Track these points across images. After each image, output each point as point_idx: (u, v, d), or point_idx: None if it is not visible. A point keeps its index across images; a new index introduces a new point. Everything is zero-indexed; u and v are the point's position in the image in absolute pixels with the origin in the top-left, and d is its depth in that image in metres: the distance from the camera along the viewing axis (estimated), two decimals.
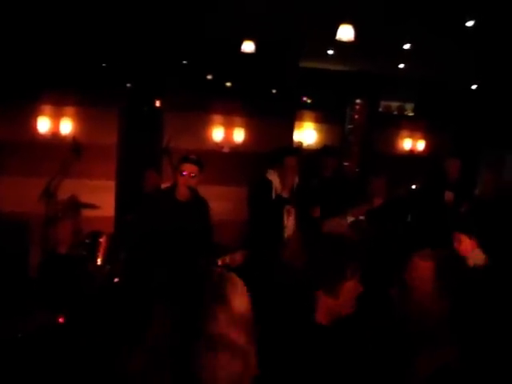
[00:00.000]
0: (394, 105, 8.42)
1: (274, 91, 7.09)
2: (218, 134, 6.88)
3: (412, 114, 8.43)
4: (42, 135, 6.27)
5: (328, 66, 7.30)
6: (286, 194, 4.52)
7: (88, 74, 6.12)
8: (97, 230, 4.52)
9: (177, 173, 3.85)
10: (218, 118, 6.91)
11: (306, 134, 7.67)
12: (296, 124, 7.43)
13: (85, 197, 5.01)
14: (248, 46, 5.65)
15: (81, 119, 6.38)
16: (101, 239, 4.33)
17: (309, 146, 7.53)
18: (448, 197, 5.09)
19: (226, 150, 6.88)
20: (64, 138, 6.19)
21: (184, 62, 6.71)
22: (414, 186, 6.24)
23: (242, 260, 3.85)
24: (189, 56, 6.62)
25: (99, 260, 4.26)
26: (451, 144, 7.84)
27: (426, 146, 8.18)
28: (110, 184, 6.48)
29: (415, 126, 8.19)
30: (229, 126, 6.92)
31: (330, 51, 6.35)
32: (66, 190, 4.89)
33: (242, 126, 6.95)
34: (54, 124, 6.32)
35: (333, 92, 7.50)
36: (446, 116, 7.80)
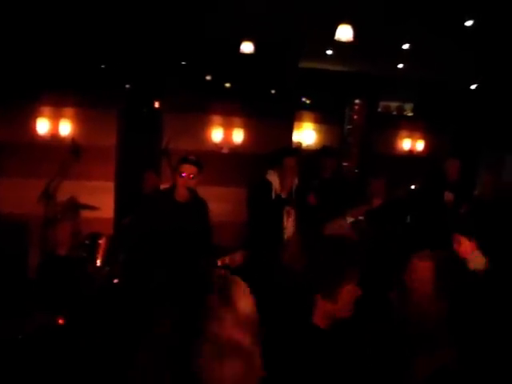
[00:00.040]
0: (393, 105, 8.41)
1: (273, 92, 7.08)
2: (217, 134, 6.87)
3: (411, 114, 8.42)
4: (41, 136, 6.26)
5: (327, 66, 7.30)
6: (285, 195, 4.52)
7: (87, 76, 6.12)
8: (96, 231, 4.53)
9: (176, 174, 3.84)
10: (217, 118, 6.90)
11: (305, 134, 7.66)
12: (295, 125, 7.42)
13: (84, 198, 5.01)
14: (247, 47, 5.65)
15: (80, 120, 6.38)
16: (100, 241, 4.35)
17: (308, 146, 7.52)
18: (448, 197, 5.09)
19: (225, 150, 6.87)
20: (63, 139, 6.18)
21: (183, 62, 6.71)
22: (413, 186, 6.23)
23: (241, 260, 3.86)
24: (188, 57, 6.62)
25: (98, 261, 4.27)
26: (450, 144, 7.83)
27: (426, 146, 8.17)
28: (109, 185, 6.47)
29: (414, 127, 8.18)
30: (228, 127, 6.91)
31: (329, 51, 6.35)
32: (65, 191, 4.89)
33: (241, 126, 6.94)
34: (53, 125, 6.32)
35: (332, 92, 7.49)
36: (446, 116, 7.79)
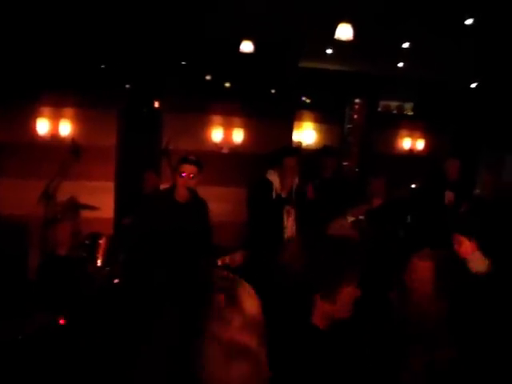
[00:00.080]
0: (394, 104, 8.40)
1: (273, 92, 7.08)
2: (217, 134, 6.87)
3: (411, 113, 8.41)
4: (41, 137, 6.26)
5: (327, 65, 7.29)
6: (285, 195, 4.51)
7: (87, 76, 6.12)
8: (96, 231, 4.53)
9: (176, 174, 3.84)
10: (217, 118, 6.90)
11: (306, 134, 7.66)
12: (295, 124, 7.42)
13: (84, 198, 5.01)
14: (247, 47, 5.65)
15: (80, 121, 6.38)
16: (100, 241, 4.35)
17: (308, 146, 7.51)
18: (448, 197, 5.08)
19: (225, 150, 6.87)
20: (63, 139, 6.19)
21: (183, 62, 6.70)
22: (413, 185, 6.23)
23: (241, 260, 3.86)
24: (188, 57, 6.61)
25: (99, 261, 4.27)
26: (450, 144, 7.83)
27: (426, 145, 8.17)
28: (109, 185, 6.47)
29: (414, 126, 8.17)
30: (228, 127, 6.91)
31: (329, 51, 6.34)
32: (66, 191, 4.89)
33: (241, 126, 6.94)
34: (53, 125, 6.32)
35: (332, 92, 7.48)
36: (446, 116, 7.78)
